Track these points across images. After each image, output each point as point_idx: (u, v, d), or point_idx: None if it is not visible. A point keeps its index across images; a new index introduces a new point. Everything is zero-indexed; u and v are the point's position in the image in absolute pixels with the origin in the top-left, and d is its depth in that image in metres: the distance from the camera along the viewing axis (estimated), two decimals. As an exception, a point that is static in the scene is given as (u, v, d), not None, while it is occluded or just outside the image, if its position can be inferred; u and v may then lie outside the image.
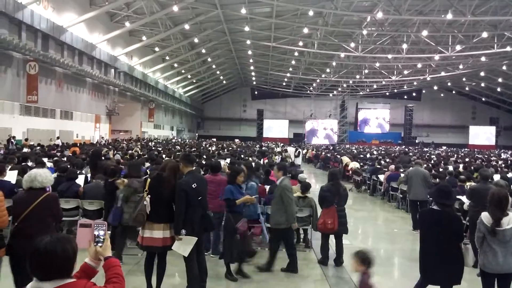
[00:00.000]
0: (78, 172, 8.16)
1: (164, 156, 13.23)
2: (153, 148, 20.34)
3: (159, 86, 39.81)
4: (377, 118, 60.61)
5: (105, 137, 28.95)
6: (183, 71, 43.48)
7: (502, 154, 31.00)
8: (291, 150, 22.26)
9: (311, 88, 56.57)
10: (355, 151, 29.57)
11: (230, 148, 23.28)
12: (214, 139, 44.71)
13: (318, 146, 42.62)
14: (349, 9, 25.95)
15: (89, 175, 8.58)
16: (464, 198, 7.69)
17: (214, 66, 43.31)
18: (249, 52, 36.91)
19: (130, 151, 15.59)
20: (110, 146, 19.82)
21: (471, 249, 4.56)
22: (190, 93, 52.81)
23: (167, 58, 37.73)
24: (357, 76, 46.45)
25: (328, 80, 49.45)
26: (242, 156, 15.21)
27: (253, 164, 9.47)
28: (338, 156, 22.04)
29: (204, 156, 12.83)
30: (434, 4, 25.23)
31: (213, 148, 22.33)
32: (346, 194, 6.85)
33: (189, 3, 24.16)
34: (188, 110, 54.18)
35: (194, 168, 5.41)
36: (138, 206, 4.85)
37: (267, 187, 7.96)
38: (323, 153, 27.84)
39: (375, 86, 53.70)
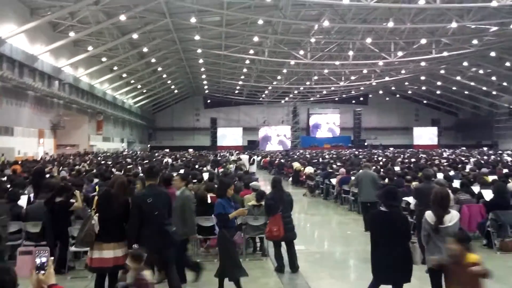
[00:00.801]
0: (20, 192, 7.67)
1: (114, 170, 12.77)
2: (102, 162, 19.61)
3: (107, 97, 38.55)
4: (327, 123, 62.40)
5: (50, 152, 27.54)
6: (132, 81, 42.40)
7: (444, 153, 32.78)
8: (245, 158, 22.28)
9: (264, 95, 57.18)
10: (308, 156, 30.14)
11: (184, 159, 22.95)
12: (167, 150, 43.89)
13: (272, 152, 43.06)
14: (297, 18, 26.59)
15: (32, 195, 8.10)
16: (410, 198, 8.03)
17: (164, 76, 42.62)
18: (200, 61, 36.72)
19: (77, 167, 14.91)
20: (56, 162, 18.89)
21: (418, 247, 4.75)
22: (140, 103, 51.60)
23: (115, 68, 36.66)
24: (307, 83, 47.57)
25: (279, 87, 50.23)
26: (197, 166, 15.04)
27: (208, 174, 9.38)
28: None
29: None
30: (376, 13, 26.43)
31: (168, 160, 21.87)
32: (290, 200, 6.85)
33: (136, 12, 23.68)
34: (138, 121, 52.85)
35: (155, 181, 5.23)
36: (85, 226, 4.63)
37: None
38: (277, 159, 28.14)
39: (324, 92, 55.20)
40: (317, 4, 22.89)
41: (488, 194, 8.20)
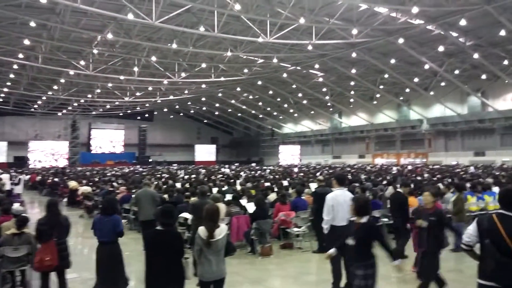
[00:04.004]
0: None
1: None
2: None
3: None
4: (111, 138, 59.81)
5: None
6: None
7: (222, 169, 35.90)
8: (5, 176, 19.05)
9: (36, 106, 50.54)
10: (88, 173, 28.09)
11: None
12: None
13: (44, 170, 38.21)
14: (78, 26, 24.75)
15: None
16: (188, 214, 8.42)
17: None
18: None
19: None
20: None
21: (191, 262, 5.00)
22: None
23: None
24: (89, 95, 44.62)
25: (56, 98, 45.35)
26: None
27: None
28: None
29: None
30: (161, 33, 27.11)
31: None
32: (67, 225, 6.25)
33: None
34: None
35: None
36: None
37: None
38: (51, 178, 25.17)
39: (108, 106, 52.90)
40: (100, 15, 21.86)
41: (251, 206, 9.37)
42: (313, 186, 12.74)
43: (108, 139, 59.41)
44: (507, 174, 18.82)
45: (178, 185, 14.85)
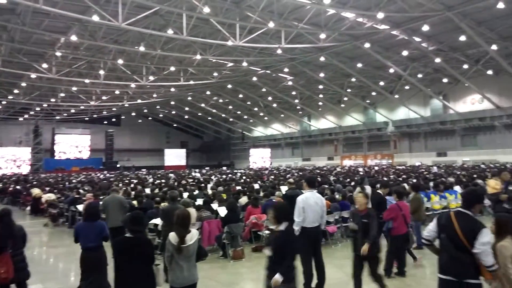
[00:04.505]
0: None
1: None
2: None
3: None
4: (76, 144, 58.08)
5: None
6: None
7: (193, 173, 35.52)
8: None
9: (-5, 111, 48.49)
10: (52, 180, 27.14)
11: None
12: None
13: (5, 177, 36.61)
14: (40, 27, 23.92)
15: None
16: (158, 220, 8.27)
17: None
18: None
19: None
20: None
21: (162, 268, 4.89)
22: None
23: None
24: (52, 99, 43.16)
25: (17, 102, 43.61)
26: None
27: None
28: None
29: None
30: (128, 35, 26.62)
31: None
32: (23, 234, 5.91)
33: None
34: None
35: None
36: None
37: None
38: (12, 185, 24.14)
39: (73, 111, 51.37)
40: (63, 16, 21.20)
41: (222, 210, 9.31)
42: (284, 189, 12.82)
43: (73, 145, 57.65)
44: (467, 173, 19.60)
45: (148, 190, 14.58)
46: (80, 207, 12.90)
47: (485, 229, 3.74)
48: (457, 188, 13.08)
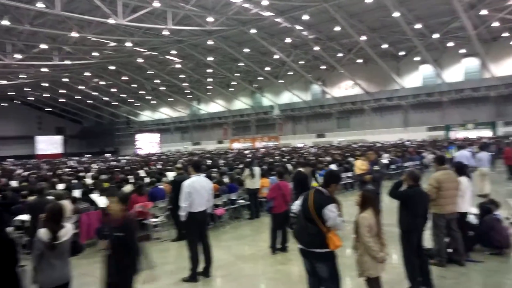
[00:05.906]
0: None
1: None
2: None
3: None
4: None
5: None
6: None
7: (69, 162, 32.73)
8: None
9: None
10: None
11: None
12: None
13: None
14: None
15: None
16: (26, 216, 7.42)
17: None
18: None
19: None
20: None
21: (29, 270, 4.37)
22: None
23: None
24: None
25: None
26: None
27: None
28: None
29: None
30: (-14, 6, 23.03)
31: None
32: None
33: None
34: None
35: None
36: None
37: None
38: None
39: None
40: None
41: (103, 201, 8.70)
42: (172, 174, 12.54)
43: None
44: (342, 152, 21.52)
45: (14, 183, 12.99)
46: None
47: (331, 204, 4.15)
48: (333, 166, 14.24)
